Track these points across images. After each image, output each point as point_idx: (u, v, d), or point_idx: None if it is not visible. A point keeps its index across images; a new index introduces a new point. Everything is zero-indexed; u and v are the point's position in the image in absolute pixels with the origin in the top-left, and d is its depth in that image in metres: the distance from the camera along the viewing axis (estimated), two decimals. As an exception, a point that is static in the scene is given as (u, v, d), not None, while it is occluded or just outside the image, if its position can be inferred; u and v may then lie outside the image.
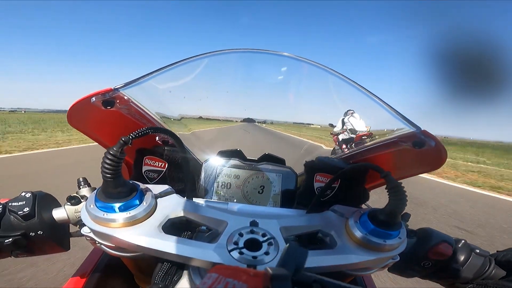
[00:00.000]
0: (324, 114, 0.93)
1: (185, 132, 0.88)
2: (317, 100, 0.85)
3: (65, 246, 0.55)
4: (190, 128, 0.90)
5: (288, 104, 0.85)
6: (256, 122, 0.97)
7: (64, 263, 2.20)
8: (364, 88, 0.61)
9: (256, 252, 0.40)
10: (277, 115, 1.10)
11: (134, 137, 0.44)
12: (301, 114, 0.95)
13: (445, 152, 0.54)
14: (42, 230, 0.48)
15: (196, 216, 0.48)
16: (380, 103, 0.60)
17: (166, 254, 0.40)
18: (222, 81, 0.80)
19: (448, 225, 3.73)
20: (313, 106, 0.88)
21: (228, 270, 0.24)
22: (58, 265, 2.18)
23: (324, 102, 0.80)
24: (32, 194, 0.49)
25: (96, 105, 0.57)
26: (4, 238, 0.46)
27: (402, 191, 0.42)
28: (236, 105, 0.89)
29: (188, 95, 0.75)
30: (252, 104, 0.88)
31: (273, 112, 1.04)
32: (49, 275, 2.08)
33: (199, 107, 0.87)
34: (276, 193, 0.71)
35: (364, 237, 0.44)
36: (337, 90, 0.68)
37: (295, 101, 0.84)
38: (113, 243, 0.43)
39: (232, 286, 0.21)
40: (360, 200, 0.67)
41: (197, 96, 0.81)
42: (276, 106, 0.94)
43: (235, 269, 0.24)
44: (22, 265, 2.14)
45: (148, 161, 0.67)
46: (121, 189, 0.43)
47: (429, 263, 0.54)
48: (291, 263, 0.26)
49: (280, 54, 0.68)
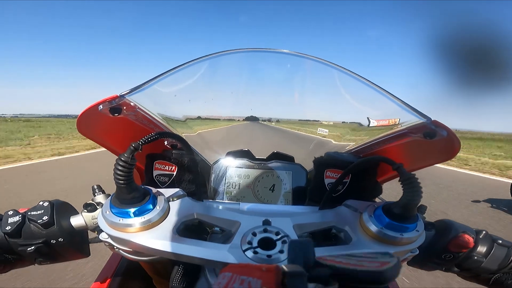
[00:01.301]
0: (333, 110, 0.91)
1: (191, 134, 0.88)
2: (324, 95, 0.84)
3: (85, 252, 0.56)
4: (195, 129, 0.90)
5: (294, 101, 0.84)
6: (260, 121, 0.96)
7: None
8: (371, 82, 0.60)
9: (270, 251, 0.40)
10: (283, 112, 1.08)
11: (144, 142, 0.44)
12: (308, 110, 0.94)
13: (458, 142, 0.53)
14: (62, 237, 0.49)
15: (209, 217, 0.48)
16: (388, 96, 0.59)
17: (182, 256, 0.40)
18: (226, 81, 0.80)
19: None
20: (321, 101, 0.87)
21: (240, 268, 0.24)
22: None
23: (331, 98, 0.79)
24: (50, 203, 0.50)
25: (103, 113, 0.57)
26: (27, 246, 0.47)
27: (416, 182, 0.41)
28: (240, 104, 0.88)
29: (192, 97, 0.76)
30: (257, 102, 0.87)
31: (279, 110, 1.03)
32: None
33: (203, 108, 0.87)
34: (287, 191, 0.71)
35: (379, 231, 0.43)
36: (344, 84, 0.68)
37: (302, 97, 0.84)
38: (131, 248, 0.44)
39: (247, 283, 0.21)
40: (373, 194, 0.66)
41: (201, 97, 0.81)
42: (281, 104, 0.93)
43: (247, 266, 0.24)
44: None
45: (158, 165, 0.68)
46: (134, 194, 0.43)
47: (450, 256, 0.53)
48: (299, 257, 0.26)
49: (283, 52, 0.68)
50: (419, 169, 0.66)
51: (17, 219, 0.47)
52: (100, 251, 1.13)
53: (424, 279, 2.20)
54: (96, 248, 0.57)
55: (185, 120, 0.85)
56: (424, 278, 2.21)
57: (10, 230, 0.46)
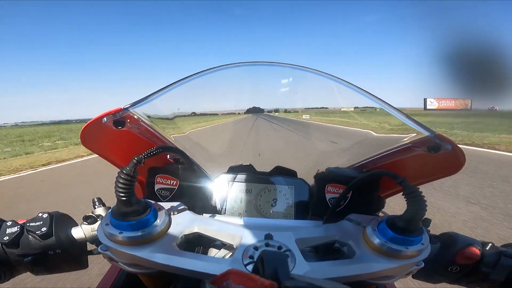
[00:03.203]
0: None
1: (186, 133, 0.85)
2: (329, 109, 0.83)
3: (83, 264, 0.55)
4: (186, 129, 0.87)
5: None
6: (265, 112, 0.94)
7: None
8: (374, 95, 0.61)
9: None
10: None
11: (146, 156, 0.45)
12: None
13: (463, 156, 0.52)
14: (60, 249, 0.49)
15: (210, 231, 0.48)
16: (391, 109, 0.59)
17: (183, 270, 0.40)
18: (229, 92, 0.79)
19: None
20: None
21: (238, 276, 0.25)
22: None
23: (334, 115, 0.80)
24: (49, 215, 0.50)
25: (107, 126, 0.58)
26: (24, 256, 0.47)
27: (421, 196, 0.41)
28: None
29: (196, 109, 0.75)
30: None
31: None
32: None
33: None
34: (289, 205, 0.70)
35: (383, 244, 0.42)
36: (346, 98, 0.68)
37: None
38: (130, 261, 0.43)
39: None
40: (375, 208, 0.65)
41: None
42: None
43: (245, 275, 0.25)
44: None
45: (160, 179, 0.68)
46: (135, 207, 0.43)
47: (456, 268, 0.52)
48: (270, 269, 0.27)
49: (282, 65, 0.69)
50: (424, 183, 0.65)
51: (15, 230, 0.47)
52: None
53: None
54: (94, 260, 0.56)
55: (174, 117, 0.80)
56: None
57: (8, 240, 0.46)
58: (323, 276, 0.39)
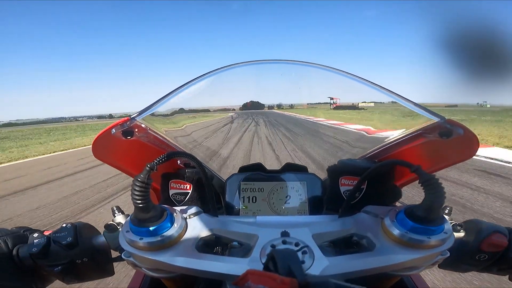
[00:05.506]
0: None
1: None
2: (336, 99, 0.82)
3: (109, 271, 0.56)
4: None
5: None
6: (266, 108, 0.93)
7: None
8: (381, 86, 0.60)
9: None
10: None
11: (159, 162, 0.46)
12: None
13: (477, 139, 0.51)
14: (86, 257, 0.50)
15: (227, 232, 0.48)
16: (399, 98, 0.58)
17: (203, 272, 0.40)
18: (234, 92, 0.78)
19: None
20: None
21: (258, 276, 0.25)
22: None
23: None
24: (73, 225, 0.52)
25: (117, 136, 0.59)
26: (54, 266, 0.49)
27: (438, 183, 0.40)
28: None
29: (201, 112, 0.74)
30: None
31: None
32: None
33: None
34: (303, 201, 0.70)
35: (404, 235, 0.42)
36: (356, 90, 0.67)
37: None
38: (152, 266, 0.44)
39: None
40: (392, 198, 0.64)
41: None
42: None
43: (264, 274, 0.25)
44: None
45: (173, 184, 0.68)
46: (152, 213, 0.44)
47: (485, 256, 0.50)
48: (284, 267, 0.27)
49: (282, 62, 0.68)
50: (439, 170, 0.64)
51: (42, 241, 0.48)
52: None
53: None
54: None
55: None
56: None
57: (36, 251, 0.47)
58: (345, 270, 0.38)
